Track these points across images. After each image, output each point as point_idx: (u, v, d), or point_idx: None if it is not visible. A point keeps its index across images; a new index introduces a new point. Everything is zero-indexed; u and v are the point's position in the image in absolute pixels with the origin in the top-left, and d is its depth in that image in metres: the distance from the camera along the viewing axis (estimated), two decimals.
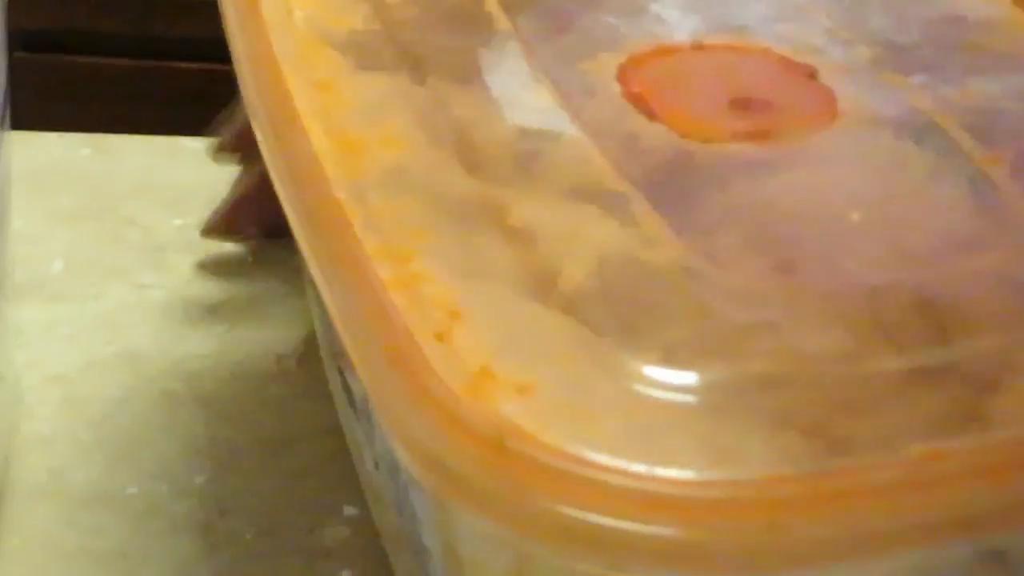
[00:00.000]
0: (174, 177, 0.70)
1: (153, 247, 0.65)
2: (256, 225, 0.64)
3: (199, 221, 0.66)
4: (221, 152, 0.64)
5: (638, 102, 0.43)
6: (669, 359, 0.35)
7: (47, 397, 0.57)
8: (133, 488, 0.53)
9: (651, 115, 0.43)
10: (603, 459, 0.32)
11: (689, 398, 0.34)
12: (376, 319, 0.35)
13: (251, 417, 0.57)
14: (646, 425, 0.33)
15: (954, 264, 0.39)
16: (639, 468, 0.31)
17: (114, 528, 0.52)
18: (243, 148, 0.62)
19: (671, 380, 0.34)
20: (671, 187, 0.41)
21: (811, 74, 0.46)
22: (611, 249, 0.37)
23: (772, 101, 0.44)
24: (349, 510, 0.53)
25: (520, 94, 0.43)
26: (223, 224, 0.64)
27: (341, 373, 0.49)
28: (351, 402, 0.49)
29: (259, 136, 0.42)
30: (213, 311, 0.62)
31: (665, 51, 0.46)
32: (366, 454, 0.48)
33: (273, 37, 0.43)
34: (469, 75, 0.44)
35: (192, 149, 0.72)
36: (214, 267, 0.64)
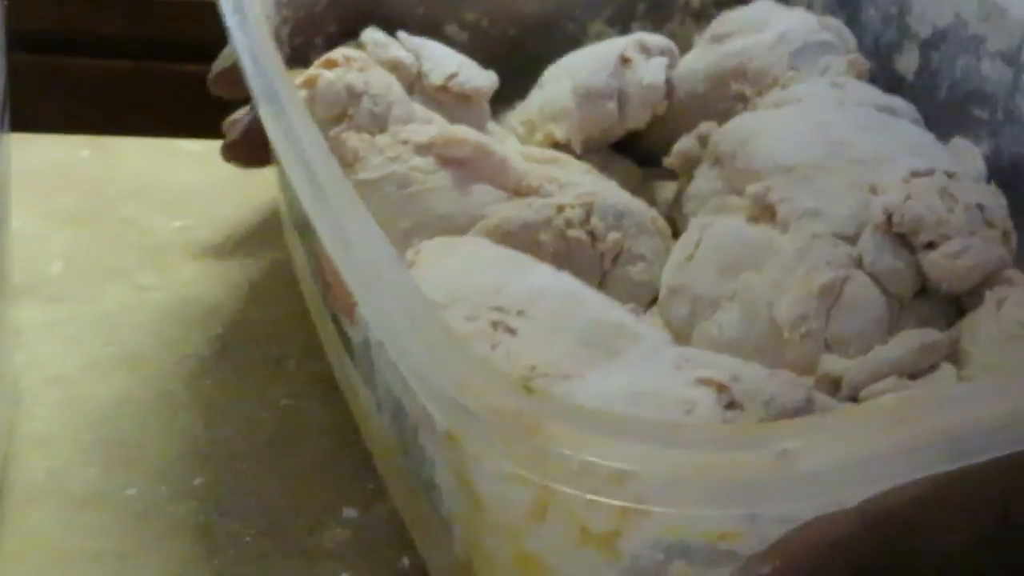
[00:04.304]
0: (173, 179, 0.70)
1: (152, 248, 0.65)
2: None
3: (198, 223, 0.66)
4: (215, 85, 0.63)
5: None
6: None
7: (46, 398, 0.57)
8: (132, 489, 0.53)
9: None
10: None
11: None
12: None
13: (251, 418, 0.56)
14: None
15: None
16: None
17: (113, 529, 0.51)
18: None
19: None
20: None
21: None
22: None
23: None
24: (349, 511, 0.53)
25: None
26: (242, 149, 0.62)
27: (336, 322, 0.50)
28: (348, 348, 0.50)
29: None
30: (212, 312, 0.62)
31: None
32: (364, 396, 0.49)
33: None
34: None
35: (191, 151, 0.72)
36: (213, 268, 0.64)
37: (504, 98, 0.61)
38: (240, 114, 0.63)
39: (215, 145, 0.72)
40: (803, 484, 0.32)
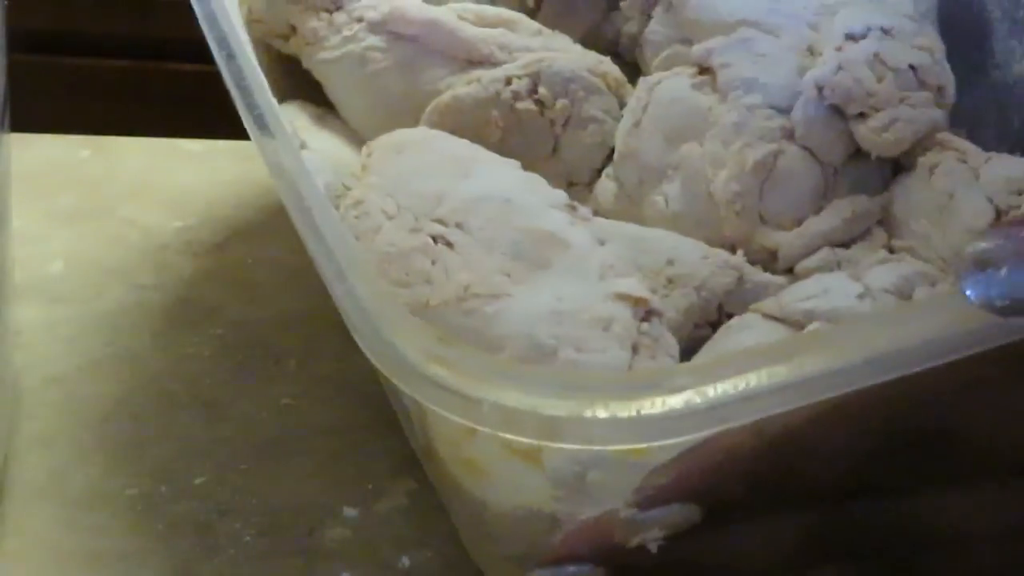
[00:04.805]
0: (173, 178, 0.70)
1: (152, 248, 0.65)
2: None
3: (198, 223, 0.66)
4: None
5: None
6: None
7: (47, 398, 0.57)
8: (133, 489, 0.53)
9: None
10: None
11: None
12: None
13: (251, 418, 0.56)
14: None
15: None
16: None
17: (114, 529, 0.51)
18: None
19: None
20: None
21: None
22: None
23: None
24: (349, 511, 0.53)
25: None
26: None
27: None
28: None
29: None
30: (212, 312, 0.62)
31: None
32: None
33: None
34: None
35: (191, 151, 0.72)
36: (213, 268, 0.64)
37: None
38: None
39: (215, 145, 0.73)
40: (698, 419, 0.35)
